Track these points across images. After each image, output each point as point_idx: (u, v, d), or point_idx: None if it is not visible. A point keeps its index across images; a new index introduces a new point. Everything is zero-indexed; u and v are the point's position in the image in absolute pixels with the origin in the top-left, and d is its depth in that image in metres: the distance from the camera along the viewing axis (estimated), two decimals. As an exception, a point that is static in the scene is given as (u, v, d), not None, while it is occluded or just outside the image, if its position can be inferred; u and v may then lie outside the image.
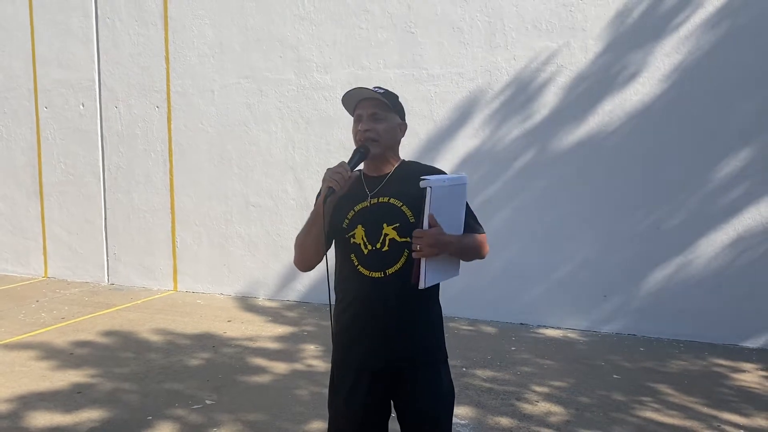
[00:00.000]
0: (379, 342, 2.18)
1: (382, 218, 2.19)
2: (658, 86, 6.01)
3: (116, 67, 8.14)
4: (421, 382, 2.20)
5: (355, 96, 2.25)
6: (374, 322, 2.18)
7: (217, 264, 7.86)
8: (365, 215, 2.20)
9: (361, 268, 2.19)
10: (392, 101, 2.27)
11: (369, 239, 2.19)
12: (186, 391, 4.71)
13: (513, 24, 6.41)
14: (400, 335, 2.18)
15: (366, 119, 2.22)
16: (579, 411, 4.38)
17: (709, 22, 5.82)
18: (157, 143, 8.02)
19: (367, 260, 2.18)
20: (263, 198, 7.56)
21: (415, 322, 2.21)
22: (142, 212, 8.17)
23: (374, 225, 2.19)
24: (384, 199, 2.21)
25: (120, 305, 7.31)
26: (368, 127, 2.21)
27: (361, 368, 2.21)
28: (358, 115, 2.25)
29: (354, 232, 2.21)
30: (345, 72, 7.07)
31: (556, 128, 6.33)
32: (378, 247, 2.17)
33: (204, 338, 6.04)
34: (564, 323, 6.44)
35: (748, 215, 5.82)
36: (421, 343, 2.23)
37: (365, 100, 2.24)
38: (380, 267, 2.16)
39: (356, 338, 2.22)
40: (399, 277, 2.15)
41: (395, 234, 2.17)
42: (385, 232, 2.18)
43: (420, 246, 2.00)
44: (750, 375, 5.14)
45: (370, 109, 2.23)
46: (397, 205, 2.19)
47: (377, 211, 2.20)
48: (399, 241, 2.16)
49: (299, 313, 7.01)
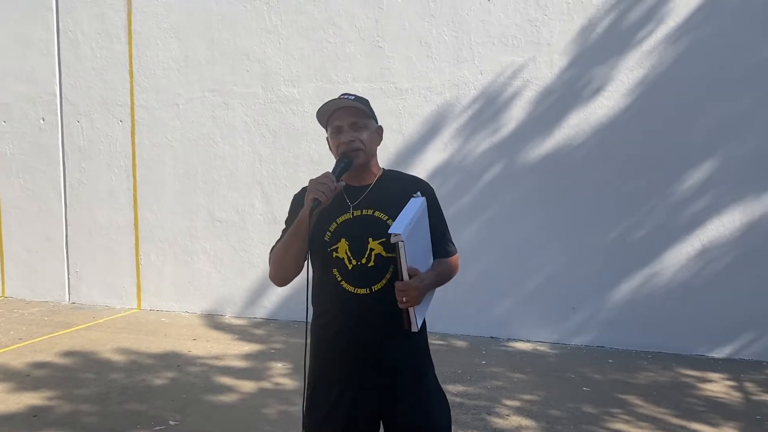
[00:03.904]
0: (365, 356, 2.11)
1: (366, 232, 2.11)
2: (622, 100, 6.09)
3: (78, 80, 7.97)
4: (414, 395, 2.14)
5: (329, 108, 2.17)
6: (360, 337, 2.10)
7: (182, 281, 7.69)
8: (348, 228, 2.11)
9: (345, 284, 2.11)
10: (367, 106, 2.21)
11: (353, 254, 2.11)
12: (149, 412, 4.56)
13: (480, 39, 6.45)
14: (387, 349, 2.12)
15: (347, 129, 2.15)
16: (550, 424, 4.36)
17: (671, 37, 5.93)
18: (121, 158, 7.85)
19: (351, 276, 2.10)
20: (229, 213, 7.44)
21: (402, 335, 2.13)
22: (105, 229, 7.98)
23: (359, 239, 2.11)
24: (368, 211, 2.14)
25: (81, 325, 7.09)
26: (352, 137, 2.14)
27: (346, 383, 2.12)
28: (337, 127, 2.16)
29: (337, 246, 2.12)
30: (313, 86, 7.03)
31: (524, 142, 6.37)
32: (363, 263, 2.10)
33: (168, 357, 5.88)
34: (534, 336, 6.44)
35: (712, 227, 5.91)
36: (409, 355, 2.17)
37: (340, 110, 2.16)
38: (365, 283, 2.09)
39: (340, 353, 2.13)
40: (385, 293, 2.07)
41: (381, 249, 2.09)
42: (370, 247, 2.10)
43: (406, 299, 1.95)
44: (717, 385, 5.19)
45: (348, 119, 2.15)
46: (382, 218, 2.12)
47: (361, 225, 2.12)
48: (385, 257, 2.09)
49: (267, 330, 6.89)
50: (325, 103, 2.17)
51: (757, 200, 5.80)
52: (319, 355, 2.19)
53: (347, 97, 2.17)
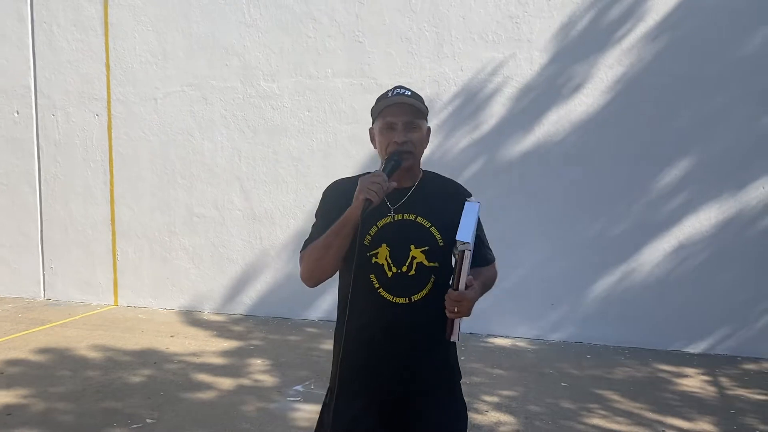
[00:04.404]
0: (398, 368, 2.03)
1: (408, 239, 2.03)
2: (601, 97, 6.13)
3: (53, 73, 7.83)
4: (440, 409, 2.09)
5: (388, 101, 2.05)
6: (396, 349, 2.02)
7: (160, 277, 7.61)
8: (390, 233, 2.01)
9: (383, 292, 2.02)
10: (423, 105, 2.09)
11: (394, 261, 2.02)
12: (125, 409, 4.50)
13: (460, 35, 6.45)
14: (421, 362, 2.06)
15: (401, 128, 2.03)
16: (528, 420, 4.38)
17: (650, 35, 5.98)
18: (97, 152, 7.74)
19: (390, 284, 2.01)
20: (208, 209, 7.37)
21: (437, 349, 2.09)
22: (81, 224, 7.86)
23: (400, 245, 2.02)
24: (410, 216, 2.04)
25: (56, 321, 6.99)
26: (405, 138, 2.03)
27: (375, 394, 2.03)
28: (390, 123, 2.04)
29: (377, 251, 2.02)
30: (292, 80, 6.98)
31: (504, 138, 6.39)
32: (404, 271, 2.01)
33: (145, 354, 5.81)
34: (513, 332, 6.47)
35: (689, 223, 5.98)
36: (441, 369, 2.12)
37: (397, 106, 2.04)
38: (405, 293, 2.00)
39: (373, 363, 2.04)
40: (425, 304, 2.01)
41: (423, 258, 2.02)
42: (412, 255, 2.02)
43: (458, 309, 1.90)
44: (692, 380, 5.25)
45: (404, 117, 2.03)
46: (425, 225, 2.05)
47: (403, 230, 2.02)
48: (427, 266, 2.02)
49: (246, 327, 6.84)
50: (385, 96, 2.08)
51: (732, 197, 5.87)
52: (348, 364, 2.09)
53: (404, 92, 2.06)
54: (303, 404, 4.65)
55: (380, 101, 2.10)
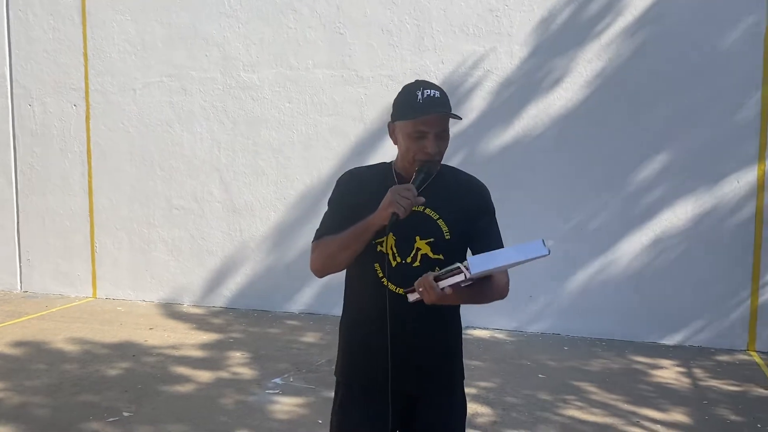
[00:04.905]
0: (402, 360, 2.02)
1: (415, 230, 2.02)
2: (580, 92, 6.17)
3: (30, 63, 7.72)
4: (441, 404, 2.11)
5: (424, 109, 1.96)
6: (399, 340, 2.00)
7: (138, 269, 7.55)
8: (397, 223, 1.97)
9: (387, 282, 2.01)
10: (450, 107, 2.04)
11: (399, 251, 2.02)
12: (102, 402, 4.48)
13: (441, 27, 6.44)
14: (425, 355, 2.07)
15: (433, 138, 1.97)
16: (505, 411, 4.43)
17: (629, 30, 6.02)
18: (75, 143, 7.65)
19: (394, 274, 2.01)
20: (187, 201, 7.32)
21: (441, 341, 2.10)
22: (59, 216, 7.78)
23: (406, 236, 2.02)
24: (419, 207, 2.01)
25: (33, 314, 6.92)
26: (436, 149, 1.99)
27: (379, 385, 2.01)
28: (422, 132, 1.97)
29: (383, 240, 2.00)
30: (272, 71, 6.94)
31: (484, 132, 6.41)
32: (408, 262, 2.02)
33: (124, 347, 5.78)
34: (492, 324, 6.52)
35: (665, 217, 6.05)
36: (445, 363, 2.13)
37: (432, 115, 1.96)
38: (409, 284, 1.95)
39: (375, 354, 2.02)
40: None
41: (429, 250, 2.02)
42: (417, 246, 2.02)
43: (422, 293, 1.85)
44: (667, 371, 5.33)
45: (437, 127, 1.98)
46: (433, 217, 2.04)
47: (410, 221, 1.97)
48: (432, 258, 2.01)
49: (226, 319, 6.82)
50: (413, 95, 1.99)
51: (708, 192, 5.95)
52: (351, 356, 2.11)
53: (434, 94, 1.98)
54: (282, 397, 4.65)
55: (410, 103, 2.00)
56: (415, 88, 2.03)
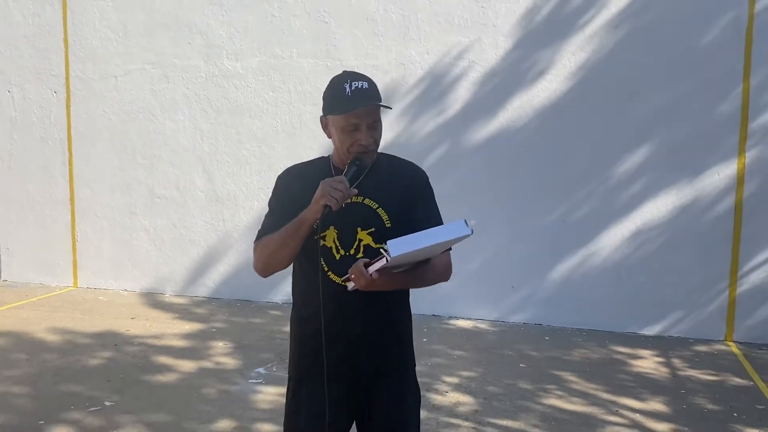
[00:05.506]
0: (352, 351, 2.06)
1: (355, 221, 2.03)
2: (564, 83, 6.19)
3: (9, 48, 7.60)
4: (392, 392, 2.13)
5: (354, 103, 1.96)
6: (347, 331, 2.04)
7: (120, 258, 7.50)
8: (337, 216, 1.95)
9: (332, 275, 2.02)
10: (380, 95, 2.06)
11: (342, 244, 2.03)
12: (84, 392, 4.46)
13: (426, 18, 6.43)
14: (374, 345, 2.08)
15: (365, 129, 1.99)
16: (487, 400, 4.47)
17: (612, 22, 6.04)
18: (55, 131, 7.55)
19: (338, 267, 2.01)
20: (169, 189, 7.27)
21: (389, 330, 2.11)
22: (39, 204, 7.69)
23: (347, 228, 2.03)
24: (358, 198, 2.02)
25: (13, 303, 6.85)
26: (370, 140, 2.00)
27: (332, 378, 2.02)
28: (355, 124, 1.98)
29: (325, 234, 2.02)
30: (256, 60, 6.89)
31: (468, 123, 6.42)
32: (351, 254, 2.02)
33: (105, 336, 5.75)
34: (474, 314, 6.56)
35: (647, 209, 6.11)
36: (394, 352, 2.14)
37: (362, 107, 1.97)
38: None
39: (326, 347, 2.01)
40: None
41: (370, 240, 2.02)
42: (359, 237, 2.03)
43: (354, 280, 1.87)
44: (647, 361, 5.40)
45: (369, 118, 2.00)
46: (373, 207, 2.04)
47: (351, 213, 2.00)
48: (374, 248, 2.00)
49: (209, 309, 6.80)
50: (341, 88, 1.99)
51: (689, 184, 6.01)
52: (303, 350, 2.12)
53: (362, 85, 1.99)
54: (265, 386, 4.66)
55: (339, 96, 1.99)
56: (342, 80, 2.02)
